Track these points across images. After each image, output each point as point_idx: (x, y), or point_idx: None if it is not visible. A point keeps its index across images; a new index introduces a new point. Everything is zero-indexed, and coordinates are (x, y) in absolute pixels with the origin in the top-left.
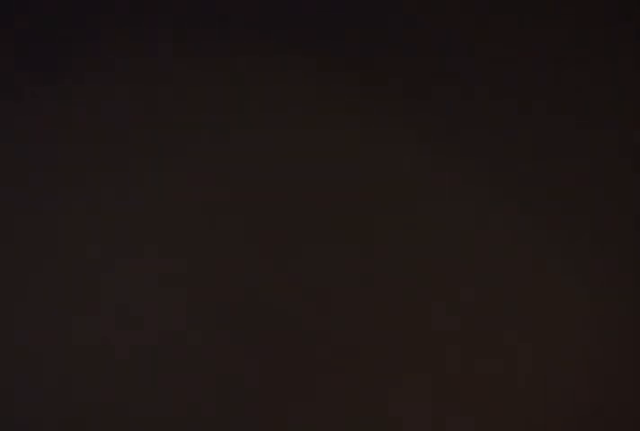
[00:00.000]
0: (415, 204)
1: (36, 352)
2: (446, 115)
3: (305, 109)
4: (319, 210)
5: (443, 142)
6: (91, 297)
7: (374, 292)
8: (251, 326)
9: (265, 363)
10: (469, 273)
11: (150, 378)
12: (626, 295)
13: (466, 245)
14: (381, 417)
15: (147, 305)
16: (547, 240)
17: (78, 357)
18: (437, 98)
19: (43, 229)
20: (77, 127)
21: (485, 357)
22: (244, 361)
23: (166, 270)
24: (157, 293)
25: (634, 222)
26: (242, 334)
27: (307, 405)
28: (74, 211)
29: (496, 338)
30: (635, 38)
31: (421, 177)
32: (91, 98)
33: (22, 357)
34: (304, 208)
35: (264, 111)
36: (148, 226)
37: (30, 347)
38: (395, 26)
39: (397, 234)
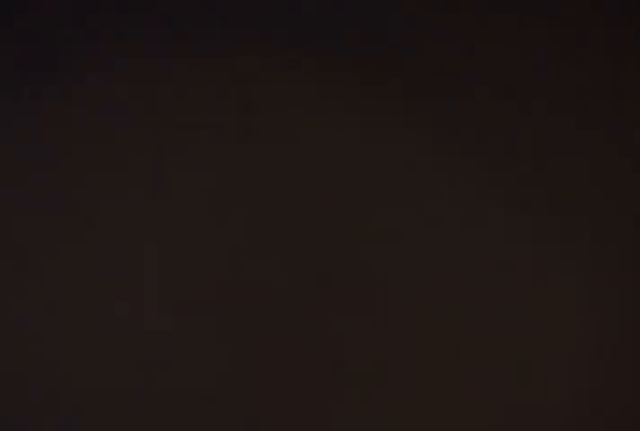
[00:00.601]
0: (415, 204)
1: (36, 352)
2: (446, 115)
3: (305, 109)
4: (319, 210)
5: (443, 142)
6: (91, 297)
7: (374, 292)
8: (251, 326)
9: (265, 363)
10: (469, 273)
11: (150, 378)
12: (626, 295)
13: (466, 245)
14: (381, 417)
15: (147, 305)
16: (547, 240)
17: (78, 357)
18: (437, 98)
19: (43, 229)
20: (77, 127)
21: (485, 357)
22: (244, 361)
23: (166, 270)
24: (157, 293)
25: (634, 222)
26: (242, 334)
27: (307, 405)
28: (74, 211)
29: (496, 338)
30: (635, 38)
31: (421, 177)
32: (91, 98)
33: (22, 357)
34: (304, 208)
35: (264, 111)
36: (148, 226)
37: (30, 347)
38: (395, 26)
39: (397, 234)
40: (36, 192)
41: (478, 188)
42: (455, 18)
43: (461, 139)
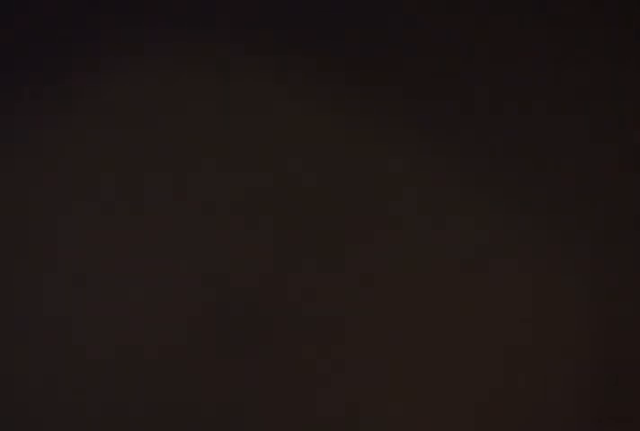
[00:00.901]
0: (415, 204)
1: (36, 352)
2: (446, 115)
3: (305, 109)
4: (319, 210)
5: (443, 142)
6: (91, 297)
7: (373, 292)
8: (250, 326)
9: (265, 364)
10: (469, 273)
11: (150, 378)
12: (626, 295)
13: (466, 245)
14: (381, 418)
15: (147, 305)
16: (547, 240)
17: (78, 358)
18: (437, 98)
19: (43, 229)
20: (77, 127)
21: (485, 357)
22: (244, 361)
23: (166, 270)
24: (157, 293)
25: (634, 222)
26: (242, 334)
27: (307, 405)
28: (74, 211)
29: (496, 338)
30: (635, 38)
31: (420, 177)
32: (91, 98)
33: (22, 358)
34: (304, 208)
35: (264, 111)
36: (148, 226)
37: (29, 347)
38: (395, 26)
39: (397, 235)
40: (36, 192)
41: (478, 188)
42: (455, 18)
43: (461, 139)
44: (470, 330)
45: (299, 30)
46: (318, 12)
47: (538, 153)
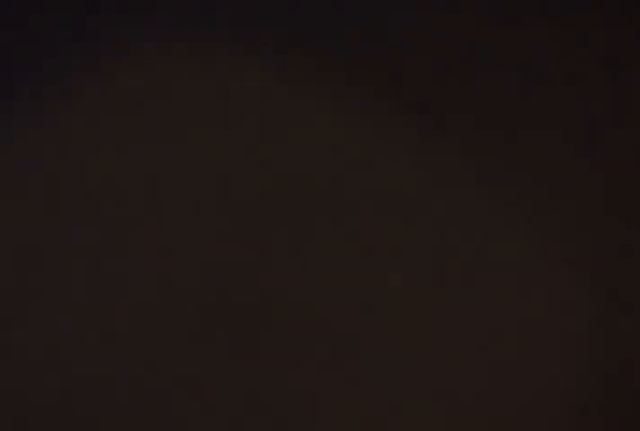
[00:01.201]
0: (415, 204)
1: (35, 352)
2: (446, 115)
3: (305, 109)
4: (319, 210)
5: (443, 142)
6: (91, 297)
7: (373, 292)
8: (250, 326)
9: (264, 363)
10: (469, 273)
11: (149, 377)
12: (626, 295)
13: (466, 245)
14: (382, 418)
15: (147, 305)
16: (547, 240)
17: (77, 358)
18: (437, 98)
19: (42, 229)
20: (77, 127)
21: (485, 357)
22: (243, 361)
23: (165, 270)
24: (156, 292)
25: (634, 222)
26: (242, 334)
27: (307, 405)
28: (73, 211)
29: (496, 338)
30: (635, 38)
31: (420, 177)
32: (91, 98)
33: (23, 359)
34: (304, 209)
35: (264, 111)
36: (147, 225)
37: (30, 347)
38: (395, 26)
39: (397, 235)
40: (35, 192)
41: (478, 188)
42: (455, 18)
43: (461, 139)
44: (469, 330)
45: (299, 30)
46: (318, 12)
47: (539, 152)
